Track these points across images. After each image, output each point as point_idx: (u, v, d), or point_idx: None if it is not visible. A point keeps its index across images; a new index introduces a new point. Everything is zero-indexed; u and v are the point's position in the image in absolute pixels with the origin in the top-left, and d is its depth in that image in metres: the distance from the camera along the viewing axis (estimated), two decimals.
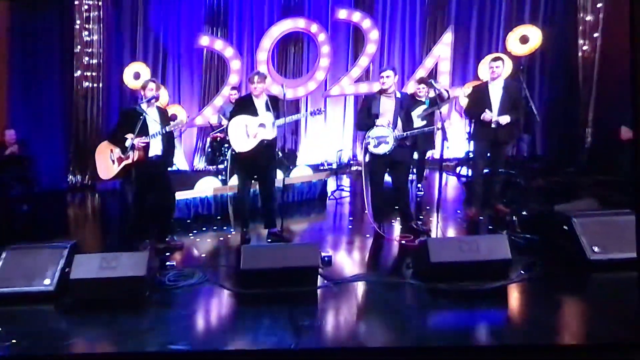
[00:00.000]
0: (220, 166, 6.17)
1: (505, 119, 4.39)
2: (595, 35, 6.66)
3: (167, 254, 3.99)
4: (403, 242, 4.04)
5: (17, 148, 5.69)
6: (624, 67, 7.04)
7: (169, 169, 4.37)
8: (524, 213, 4.27)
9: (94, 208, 6.45)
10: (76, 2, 6.53)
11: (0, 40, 5.99)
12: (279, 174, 4.59)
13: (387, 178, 4.38)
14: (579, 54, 6.73)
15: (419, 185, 5.85)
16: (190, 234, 4.59)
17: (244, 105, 4.09)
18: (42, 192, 6.12)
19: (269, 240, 4.20)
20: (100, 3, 6.59)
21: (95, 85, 6.77)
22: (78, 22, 6.55)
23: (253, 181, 4.34)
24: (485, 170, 4.75)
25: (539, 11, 7.19)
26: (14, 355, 2.53)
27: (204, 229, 4.78)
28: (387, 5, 7.77)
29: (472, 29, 7.68)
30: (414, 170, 5.66)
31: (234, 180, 5.52)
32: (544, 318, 2.72)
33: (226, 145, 6.10)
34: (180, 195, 4.81)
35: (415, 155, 5.33)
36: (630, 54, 2.04)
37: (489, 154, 4.65)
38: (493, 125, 4.42)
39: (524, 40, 6.85)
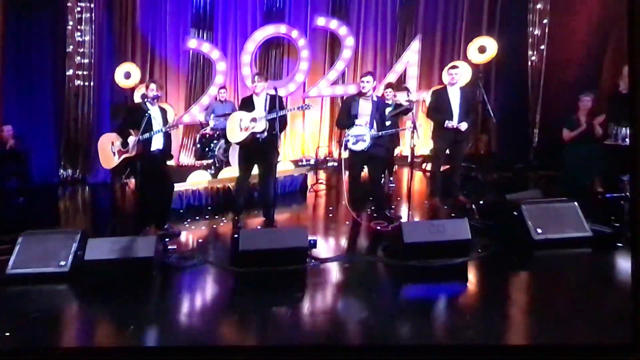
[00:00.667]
0: (209, 161, 6.40)
1: (464, 126, 4.85)
2: (542, 47, 7.26)
3: (167, 240, 4.21)
4: (378, 227, 4.38)
5: (14, 143, 5.72)
6: (565, 76, 7.71)
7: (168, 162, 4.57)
8: (481, 202, 4.73)
9: (85, 200, 6.52)
10: (69, 4, 6.54)
11: None
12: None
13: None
14: (528, 63, 7.31)
15: (391, 178, 6.26)
16: (185, 223, 4.80)
17: (245, 103, 4.36)
18: (35, 186, 6.15)
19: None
20: (92, 5, 6.62)
21: (86, 83, 6.80)
22: (71, 23, 6.56)
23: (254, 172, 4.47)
24: (447, 167, 5.21)
25: (494, 25, 7.71)
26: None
27: (196, 218, 4.98)
28: (361, 14, 8.13)
29: (437, 38, 8.14)
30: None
31: (222, 174, 5.78)
32: (497, 287, 3.19)
33: (214, 141, 6.34)
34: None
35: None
36: (629, 56, 2.11)
37: (448, 152, 5.09)
38: (451, 127, 4.86)
39: (482, 50, 7.35)
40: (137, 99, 6.95)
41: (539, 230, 3.70)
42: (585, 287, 3.20)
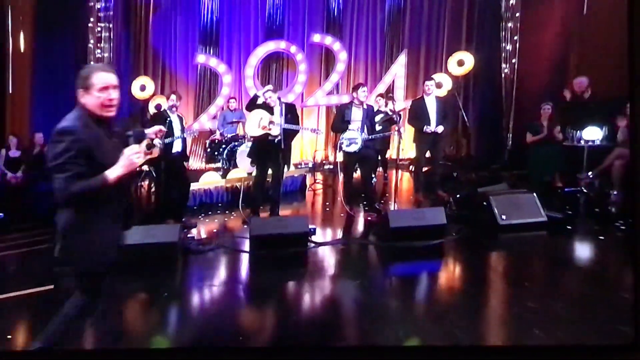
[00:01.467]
0: (218, 164, 6.86)
1: (440, 129, 5.37)
2: (514, 61, 7.85)
3: (185, 230, 4.65)
4: (369, 218, 4.87)
5: (43, 148, 6.15)
6: (534, 86, 8.34)
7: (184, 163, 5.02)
8: (458, 195, 5.24)
9: None
10: (90, 25, 7.03)
11: (26, 58, 6.41)
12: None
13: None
14: (502, 75, 7.88)
15: (385, 175, 6.77)
16: (200, 217, 5.26)
17: (262, 107, 4.67)
18: None
19: None
20: (111, 25, 7.12)
21: None
22: (92, 41, 7.05)
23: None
24: (428, 168, 5.73)
25: (472, 40, 8.30)
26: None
27: (209, 213, 5.45)
28: (353, 31, 8.68)
29: (422, 52, 8.70)
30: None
31: (231, 174, 6.25)
32: (468, 263, 3.71)
33: (223, 145, 6.81)
34: None
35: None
36: (628, 57, 2.23)
37: (429, 154, 5.61)
38: (430, 132, 5.38)
39: (461, 63, 7.90)
40: (151, 109, 7.41)
41: (504, 217, 4.22)
42: (539, 261, 3.72)
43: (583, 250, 3.99)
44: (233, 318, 2.91)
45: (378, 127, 5.79)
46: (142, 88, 7.37)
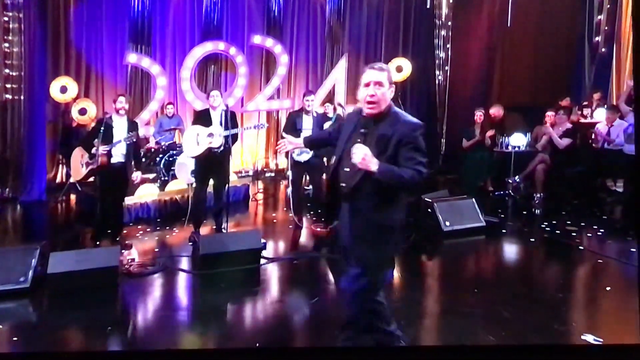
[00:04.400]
0: (153, 175, 6.47)
1: None
2: (447, 68, 8.44)
3: (123, 250, 4.35)
4: (317, 229, 4.92)
5: None
6: (464, 93, 9.11)
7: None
8: None
9: (17, 218, 6.21)
10: None
11: None
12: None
13: None
14: (436, 82, 8.44)
15: None
16: (137, 235, 4.94)
17: (201, 117, 4.45)
18: None
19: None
20: (21, 15, 6.36)
21: (16, 97, 6.52)
22: None
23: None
24: None
25: (408, 47, 8.75)
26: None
27: (147, 229, 5.12)
28: (294, 34, 8.68)
29: (361, 57, 8.97)
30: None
31: (170, 186, 5.94)
32: (415, 266, 3.93)
33: (160, 155, 6.46)
34: None
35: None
36: (633, 56, 2.47)
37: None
38: None
39: (399, 69, 8.30)
40: (74, 114, 6.81)
41: (447, 223, 4.54)
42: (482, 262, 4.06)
43: (519, 253, 4.42)
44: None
45: None
46: (63, 90, 6.73)
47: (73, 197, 6.51)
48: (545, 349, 2.34)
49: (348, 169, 2.16)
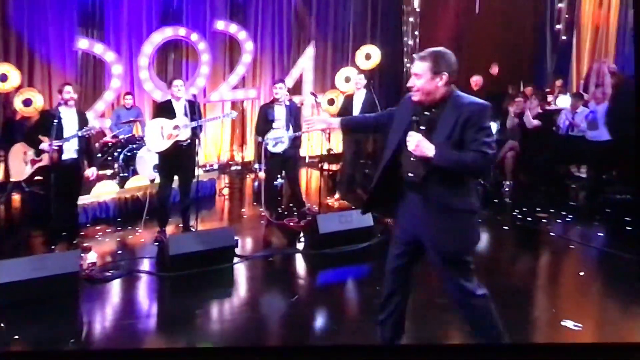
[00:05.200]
0: (111, 171, 6.11)
1: None
2: (415, 56, 8.47)
3: (81, 254, 4.06)
4: (291, 224, 4.81)
5: None
6: None
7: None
8: None
9: None
10: None
11: None
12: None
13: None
14: (404, 69, 8.45)
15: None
16: (96, 236, 4.63)
17: (163, 109, 4.21)
18: None
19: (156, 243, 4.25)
20: None
21: None
22: None
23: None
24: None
25: (376, 34, 8.69)
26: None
27: (107, 230, 4.80)
28: (258, 20, 8.36)
29: (329, 45, 8.85)
30: None
31: (130, 183, 5.62)
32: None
33: (118, 149, 6.09)
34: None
35: None
36: (634, 53, 2.39)
37: (354, 151, 5.74)
38: None
39: (368, 57, 8.20)
40: (16, 104, 6.28)
41: None
42: None
43: (493, 242, 4.50)
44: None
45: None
46: (3, 78, 6.17)
47: (17, 197, 6.00)
48: (545, 349, 2.35)
49: (414, 159, 2.04)
